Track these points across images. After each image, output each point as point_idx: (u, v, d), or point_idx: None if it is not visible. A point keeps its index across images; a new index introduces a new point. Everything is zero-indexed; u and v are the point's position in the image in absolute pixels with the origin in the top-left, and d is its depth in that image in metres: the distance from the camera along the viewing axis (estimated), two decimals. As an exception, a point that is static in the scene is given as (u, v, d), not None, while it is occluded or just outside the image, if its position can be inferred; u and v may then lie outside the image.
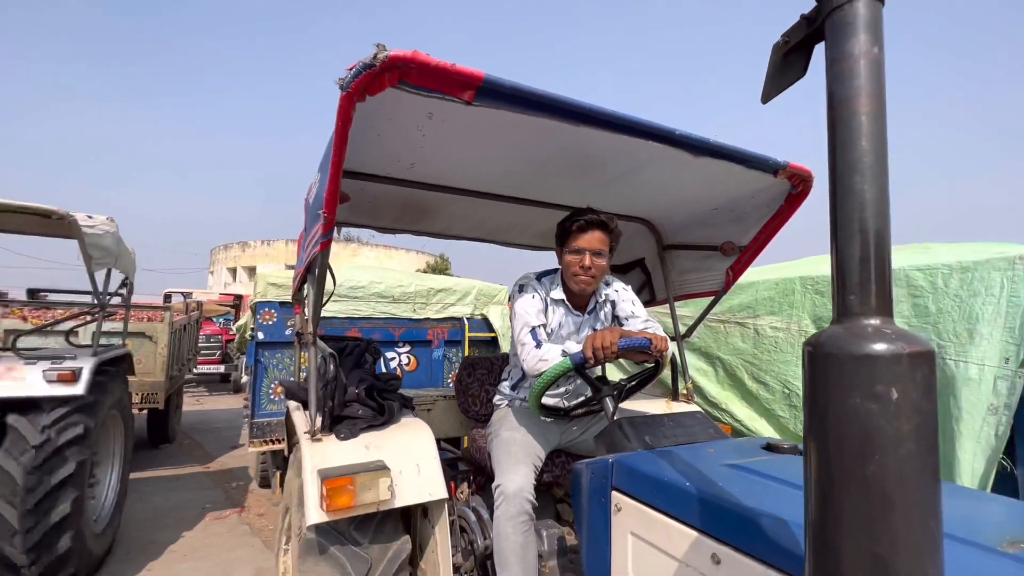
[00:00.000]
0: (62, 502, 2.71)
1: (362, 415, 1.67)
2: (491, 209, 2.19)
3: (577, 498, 1.32)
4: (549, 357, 1.61)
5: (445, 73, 1.10)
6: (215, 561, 3.46)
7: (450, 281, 4.26)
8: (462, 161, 1.71)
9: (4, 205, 2.50)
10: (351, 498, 1.37)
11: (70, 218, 2.62)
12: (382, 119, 1.34)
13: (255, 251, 32.57)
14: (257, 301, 3.46)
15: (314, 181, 1.59)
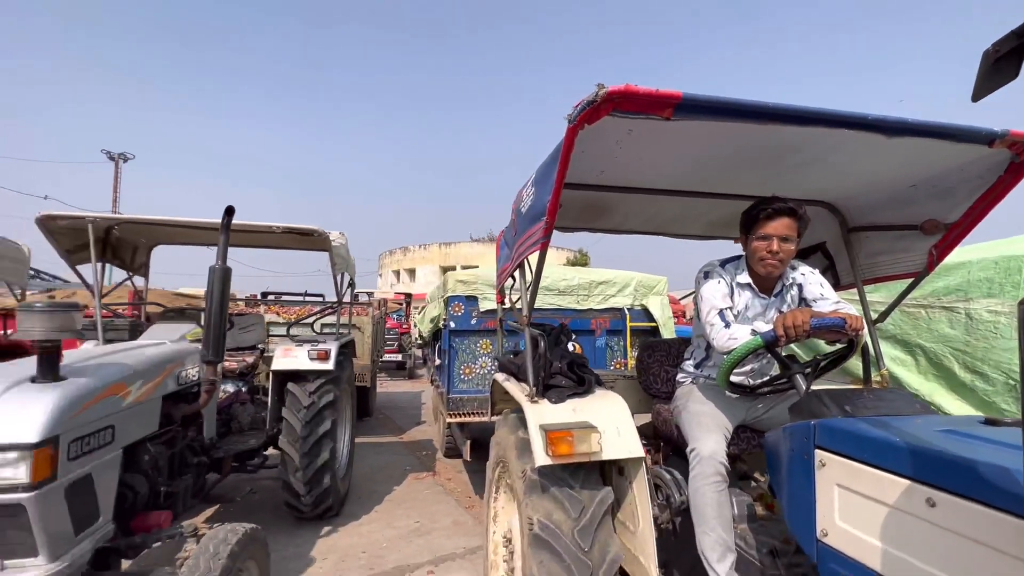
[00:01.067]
0: (324, 450, 3.58)
1: (565, 385, 2.01)
2: (666, 204, 2.38)
3: (775, 460, 1.46)
4: (738, 336, 1.76)
5: (650, 97, 1.35)
6: (421, 511, 4.19)
7: (610, 274, 4.49)
8: (650, 164, 1.93)
9: (284, 228, 3.40)
10: (570, 448, 1.70)
11: (324, 234, 3.47)
12: (588, 140, 1.63)
13: (414, 255, 36.40)
14: (449, 296, 4.11)
15: (525, 191, 1.96)
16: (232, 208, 2.64)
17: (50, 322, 1.86)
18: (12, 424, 1.70)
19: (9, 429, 1.69)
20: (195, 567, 1.91)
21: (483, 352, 4.18)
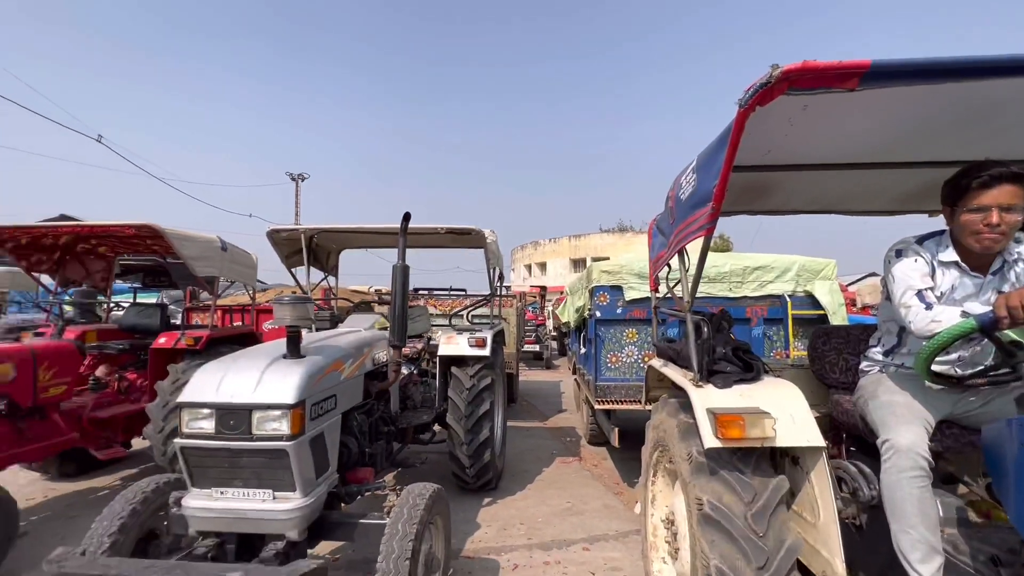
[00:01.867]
0: (484, 428, 3.95)
1: (730, 371, 1.99)
2: (841, 179, 2.20)
3: (999, 459, 1.30)
4: (943, 318, 1.58)
5: (833, 70, 1.29)
6: (571, 493, 4.38)
7: (767, 258, 4.19)
8: (826, 139, 1.82)
9: (446, 228, 3.81)
10: (741, 432, 1.70)
11: (481, 232, 3.82)
12: (756, 121, 1.60)
13: (544, 248, 37.14)
14: (594, 286, 4.23)
15: (684, 177, 1.98)
16: (409, 214, 3.06)
17: (295, 312, 2.38)
18: (276, 390, 2.23)
19: (274, 393, 2.22)
20: (399, 515, 2.30)
21: (629, 341, 4.21)
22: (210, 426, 2.20)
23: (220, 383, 2.24)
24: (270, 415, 2.19)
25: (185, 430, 2.22)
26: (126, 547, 2.29)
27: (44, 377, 3.59)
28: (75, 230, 4.22)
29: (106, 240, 4.63)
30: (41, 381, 3.57)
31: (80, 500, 4.18)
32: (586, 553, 3.34)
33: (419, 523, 2.27)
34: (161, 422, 3.98)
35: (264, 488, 2.23)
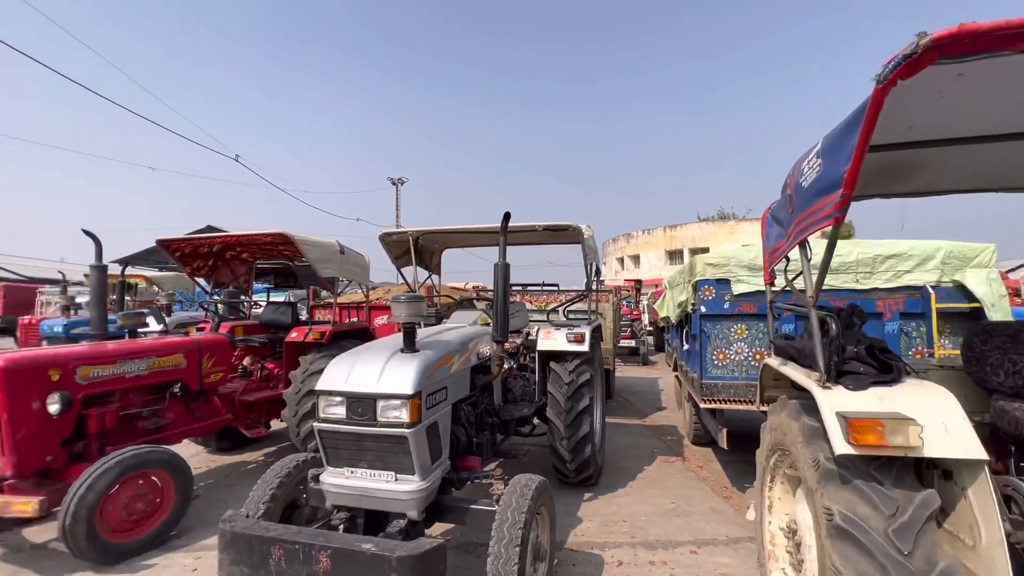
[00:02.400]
0: (584, 423, 3.96)
1: (864, 371, 1.81)
2: (999, 152, 1.89)
3: None
4: None
5: (999, 32, 1.13)
6: (676, 493, 4.25)
7: (903, 245, 3.70)
8: (986, 108, 1.59)
9: (544, 226, 3.87)
10: (879, 438, 1.55)
11: (578, 228, 3.84)
12: (895, 96, 1.44)
13: (637, 240, 35.99)
14: (698, 280, 4.04)
15: (805, 163, 1.83)
16: (509, 214, 3.16)
17: (410, 309, 2.58)
18: (397, 381, 2.43)
19: (395, 384, 2.42)
20: (508, 503, 2.40)
21: (738, 337, 3.97)
22: (341, 412, 2.46)
23: (349, 374, 2.49)
24: (392, 404, 2.40)
25: (321, 415, 2.51)
26: (276, 513, 2.64)
27: (207, 365, 4.23)
28: (224, 239, 4.90)
29: (248, 247, 5.32)
30: (205, 369, 4.21)
31: (234, 471, 4.86)
32: (694, 556, 3.23)
33: (527, 512, 2.35)
34: (295, 407, 4.50)
35: (388, 470, 2.45)
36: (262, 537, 2.15)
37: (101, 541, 2.99)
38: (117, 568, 3.05)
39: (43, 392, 3.13)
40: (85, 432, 3.41)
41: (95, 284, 3.87)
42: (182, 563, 3.15)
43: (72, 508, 2.86)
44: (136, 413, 3.76)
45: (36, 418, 3.11)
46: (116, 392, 3.61)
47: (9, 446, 3.02)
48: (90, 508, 2.92)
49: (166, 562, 3.15)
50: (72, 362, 3.31)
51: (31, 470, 3.14)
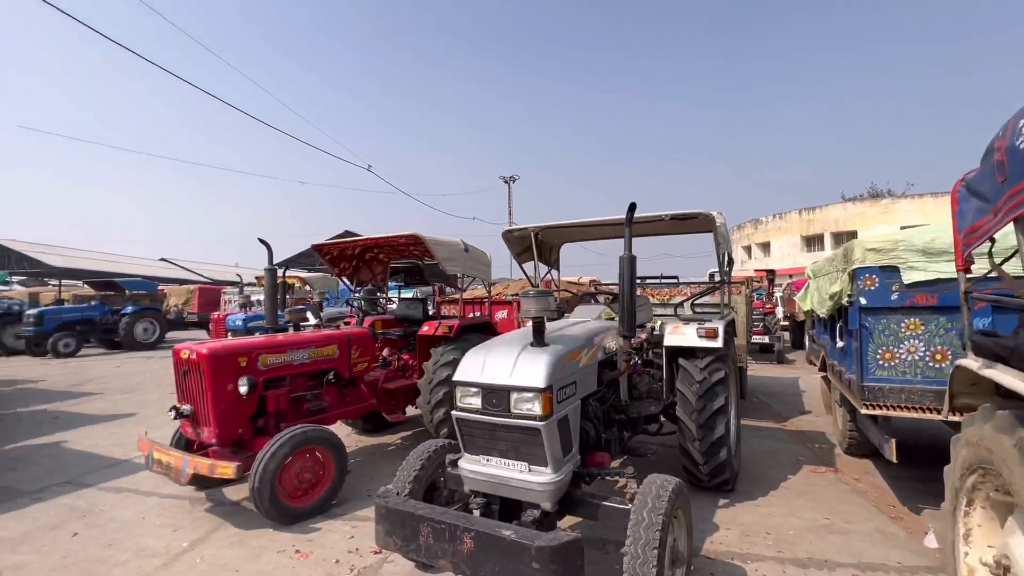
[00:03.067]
0: (718, 425, 3.70)
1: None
2: None
3: None
4: None
5: None
6: (828, 508, 3.78)
7: None
8: None
9: (672, 215, 3.68)
10: None
11: (710, 216, 3.58)
12: None
13: (767, 226, 32.78)
14: (856, 268, 3.54)
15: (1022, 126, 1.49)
16: (635, 204, 3.05)
17: (540, 304, 2.61)
18: (529, 374, 2.48)
19: (528, 377, 2.47)
20: (643, 503, 2.33)
21: (911, 333, 3.39)
22: (477, 403, 2.58)
23: (484, 366, 2.60)
24: (524, 396, 2.45)
25: (459, 404, 2.66)
26: (419, 492, 2.86)
27: (354, 356, 4.73)
28: (365, 242, 5.42)
29: (384, 248, 5.83)
30: (353, 359, 4.71)
31: (378, 451, 5.38)
32: (858, 582, 2.85)
33: (664, 514, 2.26)
34: (428, 395, 4.84)
35: (521, 460, 2.52)
36: (412, 514, 2.34)
37: (280, 503, 3.50)
38: (292, 528, 3.55)
39: (235, 376, 3.74)
40: (265, 410, 4.01)
41: (268, 284, 4.53)
42: (341, 529, 3.56)
43: (258, 474, 3.39)
44: (301, 396, 4.33)
45: (230, 397, 3.72)
46: (287, 377, 4.19)
47: (213, 419, 3.66)
48: (272, 475, 3.43)
49: (329, 527, 3.59)
50: (255, 351, 3.91)
51: (228, 440, 3.78)
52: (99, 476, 4.70)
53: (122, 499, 4.16)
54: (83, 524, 3.70)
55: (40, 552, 3.32)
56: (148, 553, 3.27)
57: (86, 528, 3.64)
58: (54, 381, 10.03)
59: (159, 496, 4.17)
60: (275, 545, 3.34)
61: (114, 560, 3.19)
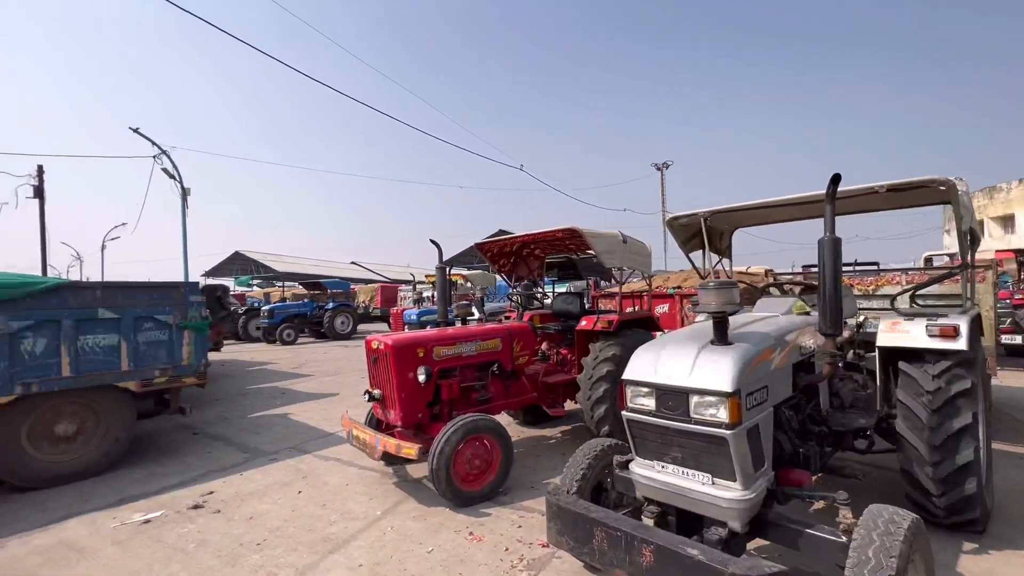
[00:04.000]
0: (965, 448, 2.91)
1: None
2: None
3: None
4: None
5: None
6: None
7: None
8: None
9: (891, 185, 2.98)
10: None
11: (949, 182, 2.81)
12: None
13: (1010, 194, 25.62)
14: None
15: None
16: (838, 176, 2.52)
17: (722, 297, 2.31)
18: (712, 376, 2.21)
19: (711, 379, 2.20)
20: (868, 540, 1.90)
21: None
22: (650, 404, 2.39)
23: (657, 365, 2.40)
24: (707, 400, 2.19)
25: (630, 404, 2.49)
26: (586, 492, 2.77)
27: (516, 349, 4.86)
28: (523, 239, 5.53)
29: (540, 244, 5.90)
30: (515, 352, 4.84)
31: (539, 443, 5.47)
32: None
33: (899, 557, 1.82)
34: (588, 391, 4.74)
35: (703, 471, 2.26)
36: (586, 516, 2.26)
37: (455, 486, 3.74)
38: (465, 510, 3.76)
39: (414, 365, 4.11)
40: (440, 398, 4.34)
41: (439, 281, 4.90)
42: (509, 517, 3.66)
43: (436, 456, 3.66)
44: (470, 386, 4.59)
45: (411, 384, 4.10)
46: (457, 368, 4.47)
47: (398, 403, 4.07)
48: (447, 458, 3.67)
49: (498, 514, 3.73)
50: (430, 343, 4.25)
51: (410, 422, 4.17)
52: (315, 445, 5.61)
53: (331, 466, 4.89)
54: (305, 484, 4.44)
55: (276, 503, 4.05)
56: (351, 516, 3.77)
57: (307, 488, 4.35)
58: (281, 364, 12.39)
59: (358, 467, 4.80)
60: (451, 524, 3.57)
61: (327, 519, 3.74)
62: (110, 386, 4.82)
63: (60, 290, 4.61)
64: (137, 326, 4.98)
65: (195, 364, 5.36)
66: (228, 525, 3.69)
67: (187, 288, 5.45)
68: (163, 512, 3.93)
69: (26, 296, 4.41)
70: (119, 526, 3.72)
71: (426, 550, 3.23)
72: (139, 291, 5.09)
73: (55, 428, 4.58)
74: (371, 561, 3.12)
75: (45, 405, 4.53)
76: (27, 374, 4.39)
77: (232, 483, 4.52)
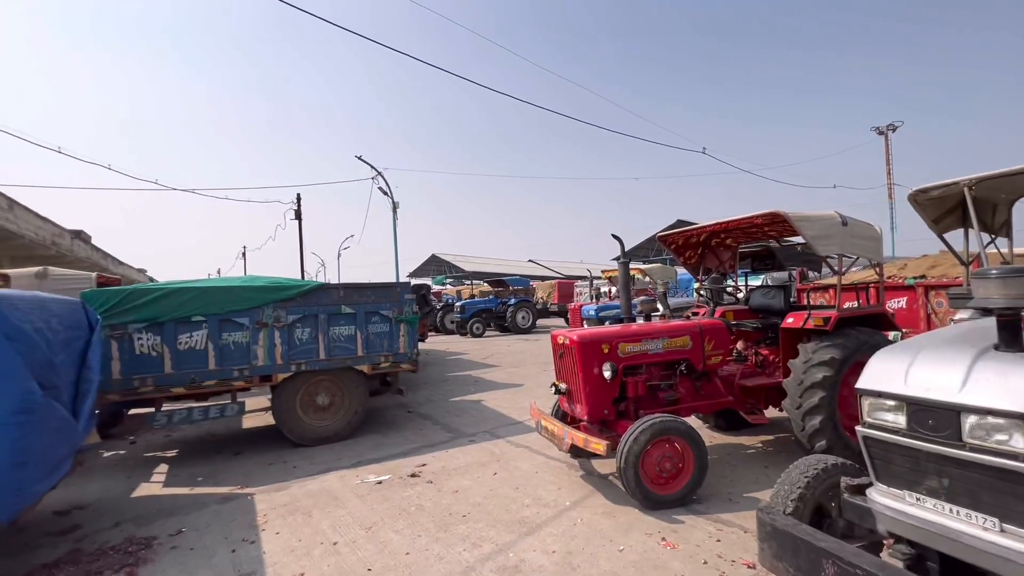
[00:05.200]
0: None
1: None
2: None
3: None
4: None
5: None
6: None
7: None
8: None
9: None
10: None
11: None
12: None
13: None
14: None
15: None
16: None
17: (1009, 288, 1.77)
18: (1000, 392, 1.70)
19: (997, 396, 1.70)
20: None
21: None
22: (898, 420, 1.96)
23: (908, 372, 1.95)
24: (990, 423, 1.70)
25: (867, 419, 2.08)
26: (804, 515, 2.40)
27: (708, 348, 4.49)
28: (713, 228, 5.07)
29: (733, 232, 5.34)
30: (706, 351, 4.48)
31: (735, 452, 4.98)
32: None
33: None
34: (798, 399, 4.13)
35: (984, 513, 1.76)
36: (811, 544, 1.96)
37: (644, 487, 3.62)
38: (655, 513, 3.62)
39: (600, 361, 4.10)
40: (626, 395, 4.25)
41: (622, 276, 4.81)
42: (705, 528, 3.40)
43: (624, 454, 3.59)
44: (656, 385, 4.40)
45: (597, 380, 4.10)
46: (643, 365, 4.33)
47: (584, 398, 4.11)
48: (635, 458, 3.58)
49: (692, 523, 3.49)
50: (615, 339, 4.20)
51: (596, 418, 4.18)
52: (506, 431, 6.04)
53: (521, 453, 5.20)
54: (499, 467, 4.80)
55: (476, 481, 4.46)
56: (542, 503, 3.94)
57: (502, 470, 4.70)
58: (472, 354, 13.68)
59: (545, 456, 5.01)
60: (642, 525, 3.47)
61: (520, 502, 3.98)
62: (350, 368, 5.91)
63: (317, 291, 5.83)
64: (367, 319, 6.02)
65: (409, 352, 6.25)
66: (439, 495, 4.19)
67: (402, 288, 6.38)
68: (389, 477, 4.66)
69: (297, 296, 5.68)
70: (359, 483, 4.53)
71: (617, 548, 3.20)
72: (367, 291, 6.13)
73: (316, 399, 5.80)
74: (564, 550, 3.21)
75: (310, 381, 5.77)
76: (298, 356, 5.66)
77: (440, 458, 5.14)
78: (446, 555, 3.22)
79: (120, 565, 3.27)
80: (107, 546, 3.56)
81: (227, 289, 5.49)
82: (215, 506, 4.20)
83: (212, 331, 5.31)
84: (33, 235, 17.08)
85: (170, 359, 5.14)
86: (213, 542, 3.56)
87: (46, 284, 5.90)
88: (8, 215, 15.44)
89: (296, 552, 3.35)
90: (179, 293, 5.25)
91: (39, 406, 2.92)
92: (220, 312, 5.35)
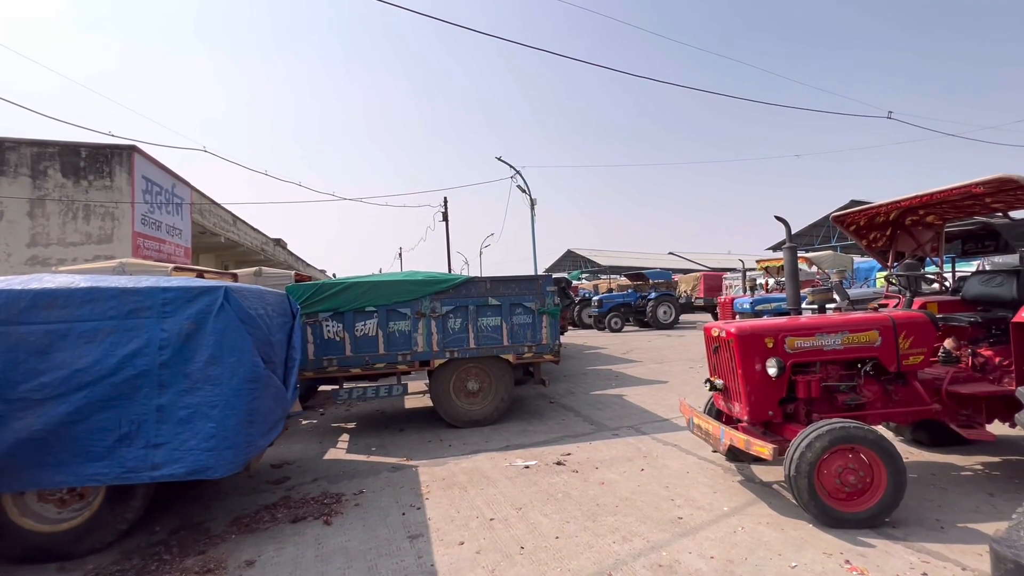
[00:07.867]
0: None
1: None
2: None
3: None
4: None
5: None
6: None
7: None
8: None
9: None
10: None
11: None
12: None
13: None
14: None
15: None
16: None
17: None
18: None
19: None
20: None
21: None
22: None
23: None
24: None
25: None
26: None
27: (904, 345, 3.77)
28: (908, 202, 4.22)
29: (937, 207, 4.40)
30: (902, 349, 3.77)
31: (941, 472, 4.12)
32: None
33: None
34: (1040, 412, 3.25)
35: None
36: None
37: (819, 500, 3.18)
38: (834, 532, 3.15)
39: (763, 356, 3.70)
40: (795, 396, 3.78)
41: (788, 263, 4.27)
42: (906, 559, 2.86)
43: (795, 461, 3.20)
44: (834, 386, 3.83)
45: (759, 377, 3.71)
46: (816, 363, 3.80)
47: (743, 396, 3.75)
48: (809, 466, 3.16)
49: (886, 548, 2.97)
50: (781, 332, 3.75)
51: (758, 419, 3.79)
52: (651, 427, 5.81)
53: (669, 451, 4.95)
54: (646, 463, 4.64)
55: (622, 475, 4.37)
56: (696, 505, 3.70)
57: (649, 467, 4.53)
58: (611, 349, 13.44)
59: (696, 456, 4.70)
60: (817, 543, 3.06)
61: (672, 501, 3.79)
62: (497, 357, 6.22)
63: (467, 283, 6.24)
64: (511, 311, 6.26)
65: (551, 343, 6.36)
66: (584, 485, 4.19)
67: (544, 280, 6.51)
68: (536, 462, 4.80)
69: (449, 288, 6.15)
70: (508, 466, 4.74)
71: (788, 564, 2.86)
72: (511, 283, 6.38)
73: (467, 384, 6.23)
74: (724, 557, 2.98)
75: (461, 368, 6.21)
76: (451, 344, 6.12)
77: (583, 449, 5.14)
78: (595, 544, 3.20)
79: (319, 513, 3.88)
80: (308, 496, 4.25)
81: (393, 283, 6.17)
82: (387, 473, 4.75)
83: (381, 320, 6.01)
84: (249, 243, 21.25)
85: (349, 344, 5.95)
86: (387, 504, 4.03)
87: (260, 280, 7.27)
88: (233, 228, 19.43)
89: (456, 522, 3.63)
90: (356, 286, 6.04)
91: (263, 376, 3.59)
92: (387, 303, 6.03)
